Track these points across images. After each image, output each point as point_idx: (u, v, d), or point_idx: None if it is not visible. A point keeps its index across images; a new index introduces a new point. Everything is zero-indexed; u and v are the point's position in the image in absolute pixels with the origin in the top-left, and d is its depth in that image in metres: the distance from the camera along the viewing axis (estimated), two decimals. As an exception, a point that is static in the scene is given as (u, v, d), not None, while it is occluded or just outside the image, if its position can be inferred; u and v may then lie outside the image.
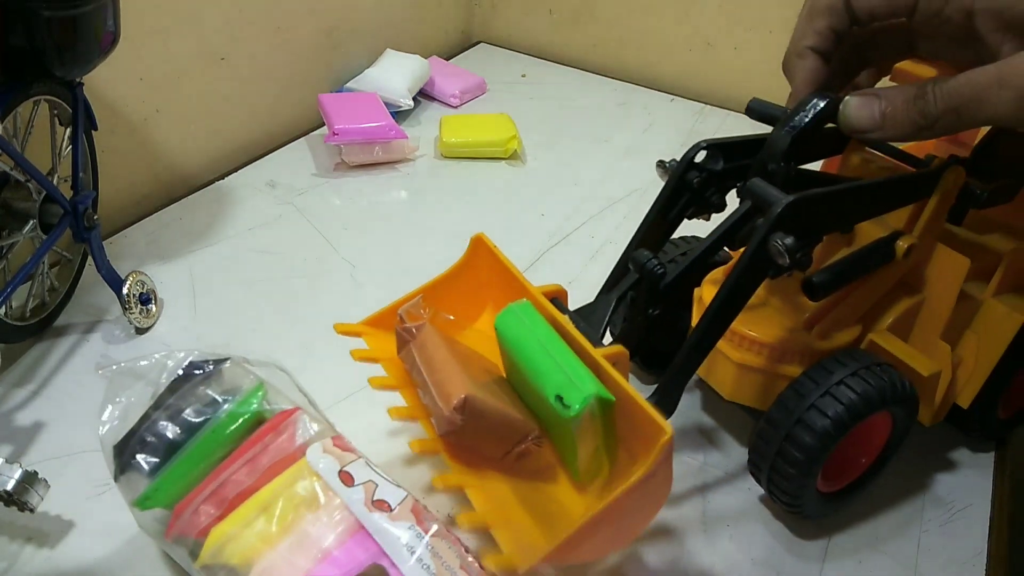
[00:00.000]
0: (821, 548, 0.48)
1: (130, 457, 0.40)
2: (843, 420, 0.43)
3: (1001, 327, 0.48)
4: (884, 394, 0.44)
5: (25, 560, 0.46)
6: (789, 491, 0.46)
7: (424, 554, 0.36)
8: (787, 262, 0.38)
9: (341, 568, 0.35)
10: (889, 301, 0.49)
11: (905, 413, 0.47)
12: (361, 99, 0.89)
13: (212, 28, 0.80)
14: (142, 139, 0.77)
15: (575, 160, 0.88)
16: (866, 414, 0.44)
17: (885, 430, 0.48)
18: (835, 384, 0.44)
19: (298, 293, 0.67)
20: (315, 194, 0.81)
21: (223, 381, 0.43)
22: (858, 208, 0.44)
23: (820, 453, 0.44)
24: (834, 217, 0.43)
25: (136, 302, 0.61)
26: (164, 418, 0.41)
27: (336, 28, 0.94)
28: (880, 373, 0.44)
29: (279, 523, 0.37)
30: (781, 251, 0.38)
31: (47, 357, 0.60)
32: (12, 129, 0.56)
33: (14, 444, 0.52)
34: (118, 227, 0.74)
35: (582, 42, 1.12)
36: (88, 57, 0.55)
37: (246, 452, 0.40)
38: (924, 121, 0.38)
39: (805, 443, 0.43)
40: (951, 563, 0.48)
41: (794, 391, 0.45)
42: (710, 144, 0.46)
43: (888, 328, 0.48)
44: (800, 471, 0.44)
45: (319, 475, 0.39)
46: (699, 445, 0.55)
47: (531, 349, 0.39)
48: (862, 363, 0.45)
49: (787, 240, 0.38)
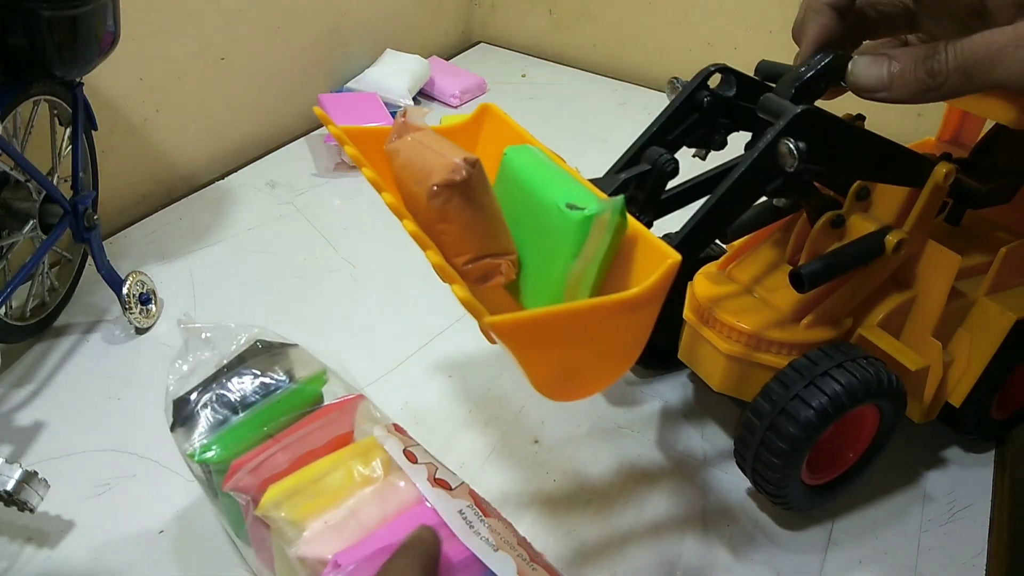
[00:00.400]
0: (821, 548, 0.49)
1: (190, 412, 0.43)
2: (827, 411, 0.43)
3: (994, 326, 0.48)
4: (869, 387, 0.44)
5: (25, 560, 0.46)
6: (773, 481, 0.46)
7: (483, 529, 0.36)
8: (796, 164, 0.38)
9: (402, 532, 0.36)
10: (880, 297, 0.49)
11: (892, 407, 0.47)
12: (361, 99, 0.89)
13: (212, 28, 0.80)
14: (142, 139, 0.77)
15: (575, 160, 0.88)
16: (850, 406, 0.44)
17: (872, 424, 0.48)
18: (820, 375, 0.44)
19: (298, 293, 0.67)
20: (315, 194, 0.81)
21: (288, 361, 0.46)
22: (859, 154, 0.43)
23: (804, 443, 0.44)
24: (838, 148, 0.41)
25: (136, 302, 0.61)
26: (229, 383, 0.44)
27: (336, 28, 0.94)
28: (866, 366, 0.44)
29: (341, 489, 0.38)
30: (792, 152, 0.38)
31: (47, 357, 0.60)
32: (12, 129, 0.56)
33: (14, 444, 0.52)
34: (118, 227, 0.74)
35: (582, 42, 1.12)
36: (88, 57, 0.55)
37: (309, 424, 0.42)
38: (932, 81, 0.37)
39: (789, 433, 0.43)
40: (951, 563, 0.48)
41: (779, 381, 0.45)
42: (725, 68, 0.46)
43: (879, 323, 0.48)
44: (784, 461, 0.44)
45: (385, 451, 0.40)
46: (699, 445, 0.55)
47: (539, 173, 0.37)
48: (848, 355, 0.45)
49: (800, 144, 0.38)
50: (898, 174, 0.45)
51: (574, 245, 0.34)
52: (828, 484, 0.49)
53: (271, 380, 0.44)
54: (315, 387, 0.45)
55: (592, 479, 0.52)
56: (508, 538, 0.37)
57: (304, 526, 0.36)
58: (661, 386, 0.59)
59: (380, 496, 0.38)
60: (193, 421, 0.42)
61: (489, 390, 0.58)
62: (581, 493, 0.51)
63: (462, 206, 0.35)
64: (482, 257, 0.36)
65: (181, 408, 0.43)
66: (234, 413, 0.43)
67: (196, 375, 0.44)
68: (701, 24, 1.01)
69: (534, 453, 0.54)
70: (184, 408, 0.43)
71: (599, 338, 0.33)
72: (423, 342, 0.62)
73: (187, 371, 0.45)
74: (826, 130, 0.40)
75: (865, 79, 0.39)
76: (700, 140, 0.47)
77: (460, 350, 0.62)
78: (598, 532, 0.49)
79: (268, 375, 0.44)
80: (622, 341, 0.35)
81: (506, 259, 0.37)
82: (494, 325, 0.30)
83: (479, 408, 0.57)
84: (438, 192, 0.34)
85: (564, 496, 0.51)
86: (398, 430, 0.43)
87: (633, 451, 0.54)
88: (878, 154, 0.43)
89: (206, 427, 0.42)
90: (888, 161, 0.44)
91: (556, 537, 0.48)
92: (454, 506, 0.37)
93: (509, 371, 0.60)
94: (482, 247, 0.36)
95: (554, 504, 0.50)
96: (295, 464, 0.40)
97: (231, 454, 0.41)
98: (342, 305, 0.66)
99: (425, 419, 0.56)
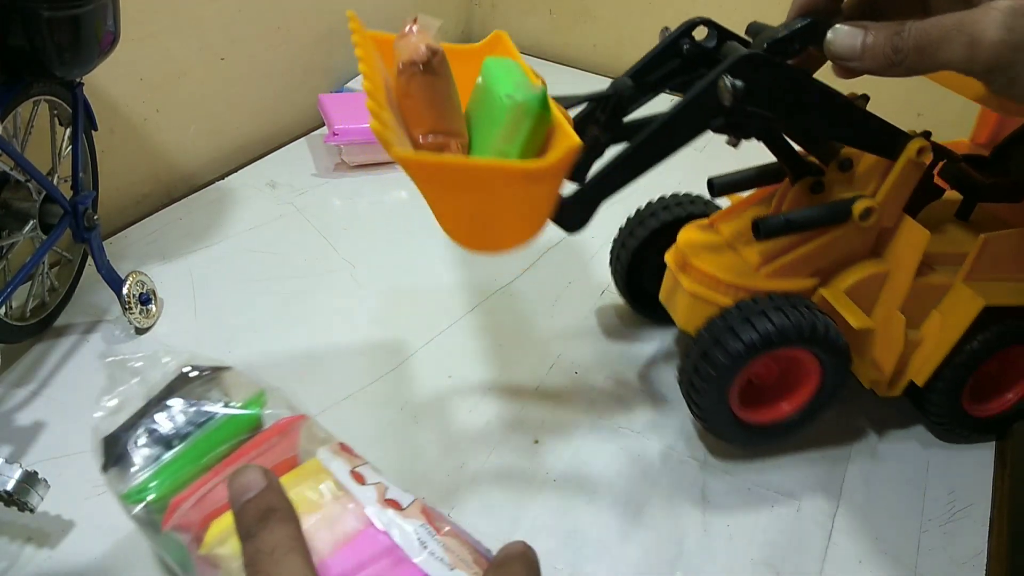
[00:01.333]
0: (821, 548, 0.49)
1: (122, 450, 0.40)
2: (755, 345, 0.47)
3: (963, 309, 0.49)
4: (802, 331, 0.47)
5: (25, 560, 0.46)
6: (702, 405, 0.50)
7: (436, 548, 0.36)
8: (728, 102, 0.42)
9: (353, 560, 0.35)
10: (852, 266, 0.51)
11: (832, 363, 0.50)
12: (361, 99, 0.88)
13: (212, 28, 0.80)
14: (142, 139, 0.77)
15: (575, 160, 0.88)
16: (779, 344, 0.47)
17: (815, 378, 0.51)
18: (757, 313, 0.48)
19: (298, 293, 0.67)
20: (315, 194, 0.81)
21: (223, 386, 0.43)
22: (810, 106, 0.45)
23: (729, 372, 0.48)
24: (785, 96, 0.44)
25: (136, 302, 0.61)
26: (160, 415, 0.41)
27: (336, 28, 0.94)
28: (805, 313, 0.48)
29: None
30: (728, 88, 0.42)
31: (47, 357, 0.60)
32: (12, 129, 0.56)
33: (14, 444, 0.52)
34: (118, 227, 0.74)
35: (582, 42, 1.12)
36: (88, 57, 0.55)
37: (250, 452, 0.40)
38: (895, 57, 0.39)
39: (718, 362, 0.48)
40: (951, 563, 0.48)
41: (721, 316, 0.49)
42: (709, 21, 0.49)
43: (846, 290, 0.50)
44: (711, 386, 0.49)
45: (331, 473, 0.39)
46: (699, 445, 0.55)
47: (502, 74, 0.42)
48: (790, 303, 0.48)
49: (737, 82, 0.41)
50: (864, 139, 0.47)
51: (504, 127, 0.40)
52: (763, 427, 0.52)
53: (205, 408, 0.42)
54: (253, 411, 0.42)
55: (592, 479, 0.52)
56: (463, 555, 0.36)
57: None
58: (661, 386, 0.59)
59: (329, 522, 0.36)
60: (126, 460, 0.40)
61: (489, 390, 0.59)
62: (581, 493, 0.51)
63: (423, 85, 0.41)
64: (436, 132, 0.42)
65: (112, 447, 0.41)
66: (168, 447, 0.40)
67: (124, 410, 0.42)
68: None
69: (534, 453, 0.54)
70: (115, 446, 0.40)
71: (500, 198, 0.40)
72: (423, 342, 0.62)
73: (115, 406, 0.42)
74: (770, 75, 0.43)
75: (840, 47, 0.41)
76: (680, 86, 0.50)
77: (460, 350, 0.62)
78: (598, 532, 0.49)
79: (202, 403, 0.42)
80: (523, 207, 0.41)
81: (456, 140, 0.42)
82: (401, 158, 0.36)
83: (479, 408, 0.57)
84: (403, 70, 0.41)
85: (564, 496, 0.51)
86: (345, 449, 0.41)
87: (633, 451, 0.54)
88: (833, 111, 0.45)
89: (140, 465, 0.40)
90: (848, 122, 0.46)
91: (556, 537, 0.48)
92: (406, 527, 0.36)
93: (509, 371, 0.60)
94: (436, 124, 0.42)
95: (554, 504, 0.50)
96: None
97: (169, 492, 0.39)
98: (342, 305, 0.66)
99: (425, 419, 0.56)
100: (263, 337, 0.63)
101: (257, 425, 0.43)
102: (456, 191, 0.39)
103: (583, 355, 0.62)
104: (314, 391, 0.57)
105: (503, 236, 0.43)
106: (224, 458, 0.40)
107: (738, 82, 0.42)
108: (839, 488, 0.52)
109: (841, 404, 0.58)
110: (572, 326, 0.65)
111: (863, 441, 0.56)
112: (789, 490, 0.52)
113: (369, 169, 0.85)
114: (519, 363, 0.61)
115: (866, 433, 0.56)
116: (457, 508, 0.50)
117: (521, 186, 0.40)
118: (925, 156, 0.46)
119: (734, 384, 0.49)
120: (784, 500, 0.51)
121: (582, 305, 0.67)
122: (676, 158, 0.45)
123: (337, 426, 0.53)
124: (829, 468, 0.54)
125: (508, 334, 0.64)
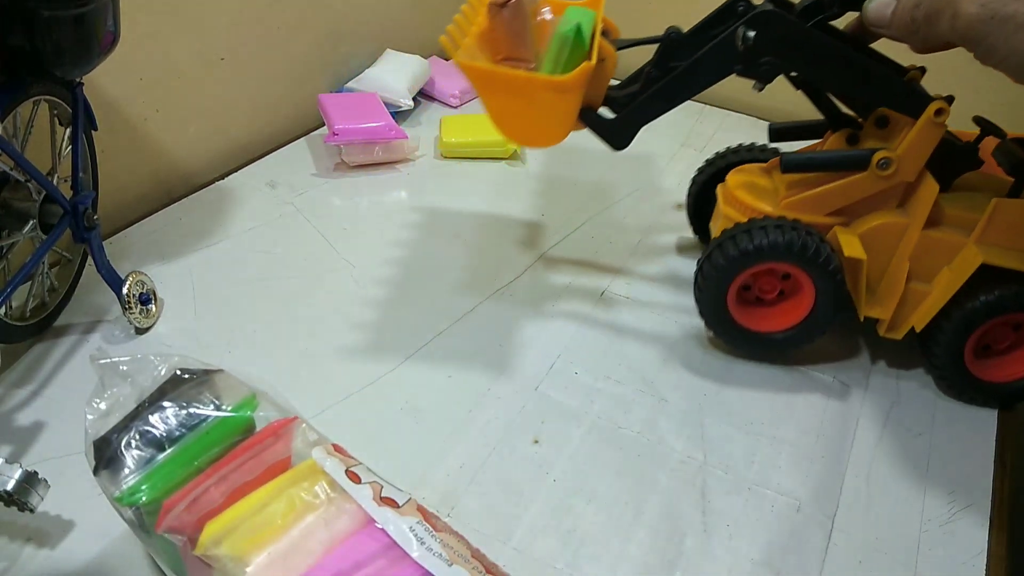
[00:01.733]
0: (821, 548, 0.49)
1: (114, 453, 0.40)
2: (749, 253, 0.55)
3: (965, 263, 0.53)
4: (793, 248, 0.54)
5: (25, 560, 0.46)
6: (704, 302, 0.59)
7: (434, 544, 0.36)
8: (740, 48, 0.51)
9: (351, 559, 0.35)
10: (871, 213, 0.57)
11: (824, 285, 0.56)
12: (361, 99, 0.89)
13: (212, 28, 0.80)
14: (142, 139, 0.77)
15: (575, 160, 0.88)
16: (770, 257, 0.55)
17: (809, 298, 0.57)
18: (758, 228, 0.55)
19: (298, 293, 0.67)
20: (315, 194, 0.81)
21: (215, 389, 0.43)
22: (826, 62, 0.52)
23: (727, 274, 0.56)
24: (800, 52, 0.52)
25: (136, 302, 0.61)
26: (152, 418, 0.41)
27: (336, 28, 0.94)
28: (802, 235, 0.54)
29: (283, 518, 0.37)
30: (740, 37, 0.51)
31: (47, 357, 0.60)
32: (12, 129, 0.56)
33: (14, 444, 0.52)
34: (118, 227, 0.74)
35: (582, 42, 1.12)
36: (88, 57, 0.55)
37: (243, 454, 0.40)
38: (913, 25, 0.45)
39: (718, 263, 0.56)
40: (951, 563, 0.48)
41: (732, 228, 0.56)
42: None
43: (862, 234, 0.56)
44: (711, 284, 0.57)
45: (326, 473, 0.39)
46: (699, 445, 0.55)
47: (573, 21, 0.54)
48: (791, 225, 0.54)
49: (749, 32, 0.50)
50: (888, 98, 0.53)
51: (551, 52, 0.54)
52: (758, 336, 0.60)
53: (197, 410, 0.42)
54: (245, 414, 0.43)
55: (592, 479, 0.52)
56: (461, 551, 0.36)
57: (247, 561, 0.35)
58: (661, 386, 0.59)
59: (325, 522, 0.37)
60: (117, 462, 0.40)
61: (489, 390, 0.59)
62: (581, 493, 0.51)
63: (504, 21, 0.55)
64: (509, 58, 0.56)
65: (103, 449, 0.41)
66: (160, 450, 0.40)
67: (116, 413, 0.42)
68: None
69: (534, 453, 0.54)
70: (106, 449, 0.41)
71: (536, 104, 0.53)
72: (423, 342, 0.62)
73: (105, 409, 0.42)
74: (780, 28, 0.51)
75: (873, 13, 0.47)
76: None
77: (460, 350, 0.62)
78: (598, 532, 0.49)
79: (193, 405, 0.42)
80: (553, 113, 0.54)
81: (525, 64, 0.56)
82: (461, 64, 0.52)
83: (479, 408, 0.57)
84: (489, 8, 0.56)
85: (564, 496, 0.51)
86: (338, 450, 0.41)
87: (633, 451, 0.54)
88: (849, 68, 0.52)
89: (132, 467, 0.40)
90: (867, 79, 0.52)
91: (556, 537, 0.48)
92: (403, 524, 0.36)
93: (509, 371, 0.60)
94: (509, 52, 0.56)
95: (554, 504, 0.50)
96: (232, 497, 0.38)
97: (161, 494, 0.39)
98: (342, 305, 0.66)
99: (425, 419, 0.56)
100: (263, 337, 0.63)
101: (249, 427, 0.43)
102: (501, 95, 0.53)
103: (583, 355, 0.62)
104: (314, 391, 0.57)
105: (541, 135, 0.56)
106: (216, 460, 0.40)
107: (750, 32, 0.50)
108: (839, 488, 0.52)
109: (841, 404, 0.58)
110: (572, 326, 0.65)
111: (863, 441, 0.56)
112: (789, 490, 0.52)
113: (369, 169, 0.85)
114: (519, 363, 0.61)
115: (866, 433, 0.56)
116: (457, 508, 0.50)
117: (548, 93, 0.52)
118: (943, 117, 0.51)
119: (732, 284, 0.57)
120: (784, 500, 0.51)
121: (582, 305, 0.67)
122: (676, 158, 0.45)
123: (337, 426, 0.53)
124: (829, 468, 0.54)
125: (508, 334, 0.64)
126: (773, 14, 0.50)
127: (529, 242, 0.75)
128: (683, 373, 0.61)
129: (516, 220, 0.78)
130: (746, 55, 0.51)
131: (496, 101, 0.54)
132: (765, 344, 0.60)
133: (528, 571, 0.46)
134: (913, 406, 0.59)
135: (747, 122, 0.97)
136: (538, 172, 0.87)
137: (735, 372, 0.61)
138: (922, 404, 0.59)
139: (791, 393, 0.59)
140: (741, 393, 0.59)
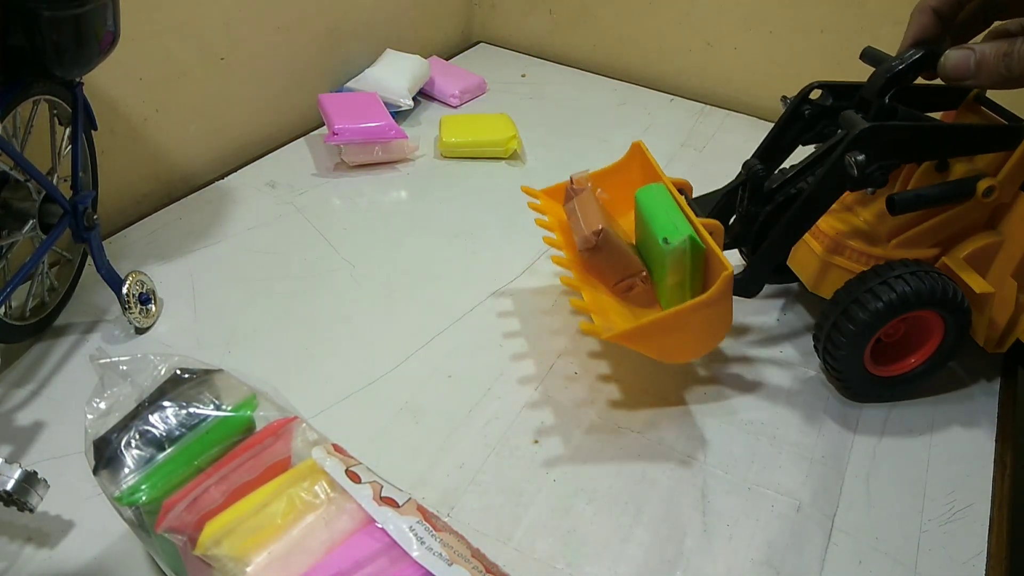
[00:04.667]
0: (821, 548, 0.49)
1: (113, 453, 0.40)
2: (893, 305, 0.52)
3: None
4: (934, 293, 0.52)
5: (25, 560, 0.46)
6: (839, 359, 0.55)
7: (434, 544, 0.36)
8: (855, 175, 0.49)
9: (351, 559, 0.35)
10: (970, 236, 0.56)
11: (955, 321, 0.54)
12: (361, 99, 0.89)
13: (212, 28, 0.80)
14: (142, 139, 0.77)
15: (575, 160, 0.88)
16: (914, 306, 0.52)
17: (938, 333, 0.55)
18: (893, 276, 0.52)
19: (298, 293, 0.67)
20: (315, 194, 0.81)
21: (214, 388, 0.43)
22: (935, 144, 0.52)
23: (868, 329, 0.53)
24: (910, 146, 0.51)
25: (136, 302, 0.61)
26: (152, 417, 0.41)
27: (336, 28, 0.94)
28: (936, 278, 0.52)
29: (283, 518, 0.37)
30: (852, 165, 0.49)
31: (47, 357, 0.60)
32: (12, 129, 0.56)
33: (14, 444, 0.52)
34: (118, 227, 0.74)
35: (582, 42, 1.12)
36: (88, 57, 0.55)
37: (243, 454, 0.40)
38: (1008, 74, 0.46)
39: (858, 318, 0.52)
40: (951, 563, 0.48)
41: (859, 278, 0.54)
42: (822, 84, 0.57)
43: (964, 258, 0.56)
44: (849, 342, 0.53)
45: (326, 473, 0.39)
46: (699, 445, 0.55)
47: (655, 210, 0.54)
48: (923, 268, 0.53)
49: (859, 157, 0.48)
50: (985, 146, 0.53)
51: (669, 267, 0.52)
52: (890, 379, 0.57)
53: (197, 410, 0.42)
54: (245, 413, 0.43)
55: (592, 479, 0.52)
56: (461, 551, 0.36)
57: (248, 561, 0.35)
58: (662, 386, 0.59)
59: (325, 521, 0.37)
60: (117, 462, 0.40)
61: (489, 390, 0.59)
62: (581, 493, 0.51)
63: (599, 257, 0.56)
64: (622, 279, 0.57)
65: (103, 449, 0.41)
66: (160, 449, 0.40)
67: (115, 412, 0.42)
68: (701, 24, 1.01)
69: (534, 453, 0.54)
70: (106, 449, 0.41)
71: (689, 327, 0.51)
72: (423, 342, 0.62)
73: (105, 408, 0.42)
74: (892, 137, 0.49)
75: (954, 70, 0.48)
76: (812, 139, 0.59)
77: (460, 350, 0.62)
78: (598, 532, 0.49)
79: (193, 405, 0.42)
80: (708, 325, 0.52)
81: (638, 276, 0.57)
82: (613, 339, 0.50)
83: (479, 408, 0.57)
84: (581, 253, 0.56)
85: (564, 496, 0.51)
86: (338, 450, 0.41)
87: (633, 451, 0.54)
88: (956, 139, 0.52)
89: (132, 467, 0.40)
90: (970, 140, 0.52)
91: (556, 537, 0.48)
92: (403, 524, 0.36)
93: (509, 371, 0.60)
94: (619, 274, 0.57)
95: (554, 504, 0.50)
96: (232, 497, 0.38)
97: (161, 493, 0.39)
98: (342, 305, 0.66)
99: (425, 419, 0.56)
100: (263, 337, 0.63)
101: (249, 427, 0.43)
102: (661, 336, 0.51)
103: (583, 355, 0.62)
104: (314, 391, 0.57)
105: (713, 338, 0.55)
106: (216, 460, 0.40)
107: (860, 156, 0.48)
108: (839, 488, 0.52)
109: (841, 404, 0.58)
110: (572, 326, 0.65)
111: (863, 441, 0.56)
112: (789, 490, 0.52)
113: (369, 169, 0.85)
114: (519, 363, 0.61)
115: (866, 433, 0.56)
116: (457, 508, 0.50)
117: (702, 312, 0.50)
118: None
119: (870, 341, 0.54)
120: (784, 500, 0.51)
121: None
122: (677, 157, 0.45)
123: (337, 426, 0.53)
124: (829, 468, 0.54)
125: (508, 334, 0.64)
126: (876, 129, 0.49)
127: (529, 242, 0.75)
128: (683, 373, 0.61)
129: (516, 220, 0.78)
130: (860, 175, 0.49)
131: (657, 343, 0.51)
132: (891, 386, 0.58)
133: (528, 571, 0.46)
134: (913, 406, 0.58)
135: (747, 122, 0.97)
136: (538, 172, 0.87)
137: (734, 372, 0.61)
138: (922, 404, 0.59)
139: (791, 393, 0.59)
140: (741, 393, 0.59)
